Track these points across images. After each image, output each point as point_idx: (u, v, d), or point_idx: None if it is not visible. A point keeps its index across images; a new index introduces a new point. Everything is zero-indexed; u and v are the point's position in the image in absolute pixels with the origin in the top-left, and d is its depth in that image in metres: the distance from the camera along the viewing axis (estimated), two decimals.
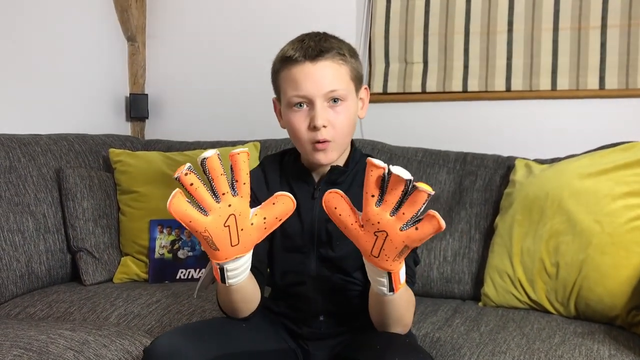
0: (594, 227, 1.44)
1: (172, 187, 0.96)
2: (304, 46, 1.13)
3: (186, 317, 1.53)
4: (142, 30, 2.47)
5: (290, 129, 1.18)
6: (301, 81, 1.13)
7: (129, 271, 1.85)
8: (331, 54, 1.13)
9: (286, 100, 1.16)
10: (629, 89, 1.91)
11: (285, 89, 1.16)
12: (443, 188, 1.78)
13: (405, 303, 1.07)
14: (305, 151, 1.17)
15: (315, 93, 1.12)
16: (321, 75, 1.13)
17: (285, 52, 1.16)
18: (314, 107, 1.13)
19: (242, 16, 2.34)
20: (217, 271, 1.03)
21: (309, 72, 1.12)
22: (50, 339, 1.27)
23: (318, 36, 1.16)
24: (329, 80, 1.13)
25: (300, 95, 1.13)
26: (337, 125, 1.14)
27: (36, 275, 1.72)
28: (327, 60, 1.13)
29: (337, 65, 1.14)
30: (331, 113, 1.14)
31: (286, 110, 1.17)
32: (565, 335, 1.33)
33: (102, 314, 1.56)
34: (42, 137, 1.90)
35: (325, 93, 1.13)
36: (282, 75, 1.17)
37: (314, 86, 1.12)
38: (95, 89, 2.33)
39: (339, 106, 1.14)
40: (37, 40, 2.06)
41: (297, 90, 1.13)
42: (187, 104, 2.45)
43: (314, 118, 1.12)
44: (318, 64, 1.13)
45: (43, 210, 1.78)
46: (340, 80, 1.14)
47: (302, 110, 1.14)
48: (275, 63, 1.19)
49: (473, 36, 2.07)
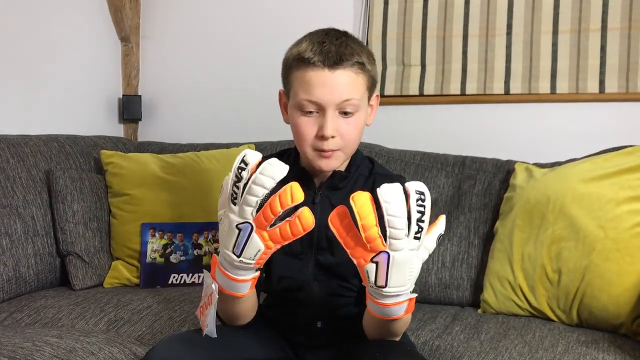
0: (598, 233, 1.42)
1: (164, 189, 0.93)
2: (324, 50, 1.08)
3: (178, 323, 1.49)
4: (136, 31, 2.45)
5: (296, 131, 1.14)
6: (316, 87, 1.08)
7: (119, 276, 1.81)
8: (350, 62, 1.09)
9: (296, 102, 1.12)
10: (630, 93, 1.90)
11: (297, 90, 1.11)
12: (441, 192, 1.76)
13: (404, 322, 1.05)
14: (308, 156, 1.14)
15: (328, 101, 1.09)
16: (337, 84, 1.09)
17: (303, 52, 1.10)
18: (325, 115, 1.09)
19: (237, 18, 2.33)
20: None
21: (325, 79, 1.08)
22: (36, 346, 1.23)
23: (339, 39, 1.11)
24: (345, 90, 1.09)
25: (313, 101, 1.09)
26: (345, 136, 1.11)
27: (24, 279, 1.69)
28: (346, 69, 1.09)
29: (354, 75, 1.10)
30: (342, 123, 1.11)
31: (294, 110, 1.13)
32: (569, 344, 1.30)
33: (92, 320, 1.52)
34: (32, 137, 1.87)
35: (338, 103, 1.09)
36: (296, 75, 1.12)
37: (329, 94, 1.08)
38: (88, 89, 2.30)
39: (350, 117, 1.11)
40: (28, 40, 2.04)
41: (310, 95, 1.09)
42: (181, 105, 2.43)
43: (323, 127, 1.09)
44: (336, 72, 1.08)
45: (32, 213, 1.74)
46: (356, 90, 1.11)
47: (311, 116, 1.11)
48: (289, 58, 1.14)
49: (471, 39, 2.06)
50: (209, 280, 1.04)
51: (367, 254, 0.91)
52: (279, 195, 0.90)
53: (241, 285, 1.00)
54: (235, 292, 1.01)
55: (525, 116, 2.00)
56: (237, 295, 1.02)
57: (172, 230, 1.81)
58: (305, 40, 1.12)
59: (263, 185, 0.90)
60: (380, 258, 0.90)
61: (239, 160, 0.92)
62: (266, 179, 0.90)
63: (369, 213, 0.88)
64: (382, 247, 0.89)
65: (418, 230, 0.89)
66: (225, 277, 1.00)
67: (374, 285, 0.92)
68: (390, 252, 0.89)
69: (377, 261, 0.90)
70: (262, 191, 0.90)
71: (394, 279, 0.91)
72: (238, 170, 0.92)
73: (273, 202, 0.91)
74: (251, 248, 0.95)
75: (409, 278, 0.92)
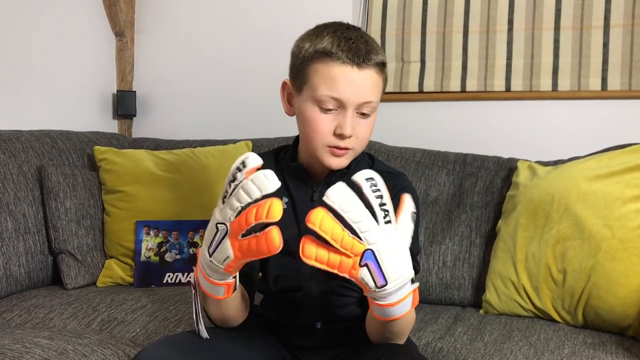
0: (604, 232, 1.39)
1: (159, 186, 0.89)
2: (352, 47, 1.05)
3: (173, 323, 1.46)
4: (131, 26, 2.42)
5: (310, 126, 1.09)
6: (341, 84, 1.05)
7: (113, 275, 1.78)
8: (375, 62, 1.06)
9: (314, 95, 1.07)
10: (632, 90, 1.88)
11: (317, 84, 1.07)
12: (442, 190, 1.74)
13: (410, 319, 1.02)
14: (317, 152, 1.10)
15: (352, 100, 1.05)
16: (363, 84, 1.06)
17: (327, 45, 1.06)
18: (346, 114, 1.06)
19: (234, 12, 2.30)
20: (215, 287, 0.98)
21: (352, 77, 1.05)
22: (26, 348, 1.20)
23: (363, 37, 1.08)
24: (369, 91, 1.06)
25: (335, 98, 1.06)
26: (360, 136, 1.09)
27: (14, 278, 1.66)
28: (372, 70, 1.06)
29: (377, 76, 1.08)
30: (360, 123, 1.08)
31: (309, 104, 1.08)
32: (575, 346, 1.27)
33: (84, 320, 1.49)
34: (24, 133, 1.84)
35: (361, 103, 1.06)
36: (317, 68, 1.07)
37: (353, 93, 1.05)
38: (81, 85, 2.28)
39: (366, 118, 1.09)
40: (20, 34, 2.00)
41: (333, 91, 1.05)
42: (177, 101, 2.40)
43: (343, 126, 1.06)
44: (364, 72, 1.05)
45: (23, 210, 1.71)
46: (377, 92, 1.08)
47: (330, 113, 1.07)
48: (306, 48, 1.09)
49: (472, 35, 2.04)
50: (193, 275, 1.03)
51: (353, 262, 0.87)
52: (257, 207, 0.87)
53: (217, 288, 0.97)
54: (212, 294, 0.99)
55: (526, 114, 1.99)
56: (215, 298, 0.99)
57: (167, 228, 1.78)
58: (326, 34, 1.07)
59: (249, 193, 0.87)
60: (366, 259, 0.87)
61: (240, 161, 0.89)
62: (254, 189, 0.87)
63: (332, 225, 0.85)
64: (361, 247, 0.86)
65: (385, 215, 0.87)
66: (202, 276, 0.98)
67: (376, 289, 0.89)
68: (372, 247, 0.86)
69: (365, 263, 0.87)
70: (246, 199, 0.87)
71: (389, 271, 0.88)
72: (236, 170, 0.89)
73: (249, 212, 0.87)
74: (222, 252, 0.92)
75: (404, 264, 0.90)
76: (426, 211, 1.71)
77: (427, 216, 1.70)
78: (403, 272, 0.89)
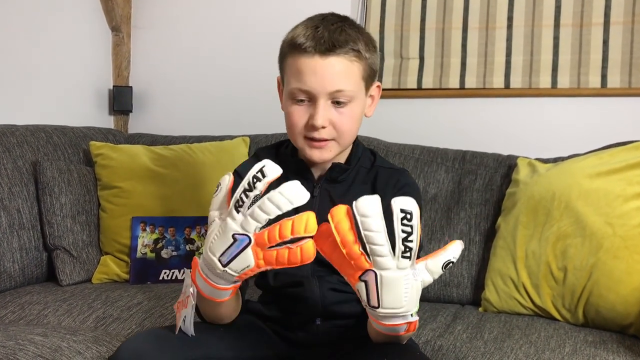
0: (606, 230, 1.38)
1: (156, 182, 0.87)
2: (317, 36, 1.04)
3: (169, 321, 1.45)
4: (127, 20, 2.40)
5: (286, 120, 1.11)
6: (307, 75, 1.04)
7: (108, 271, 1.77)
8: (344, 50, 1.04)
9: (288, 90, 1.08)
10: (632, 88, 1.88)
11: (289, 78, 1.07)
12: (441, 187, 1.72)
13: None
14: (299, 145, 1.11)
15: (319, 90, 1.04)
16: (329, 72, 1.04)
17: (296, 37, 1.05)
18: (316, 105, 1.05)
19: (231, 8, 2.29)
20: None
21: (316, 66, 1.03)
22: (19, 345, 1.18)
23: (335, 25, 1.06)
24: (337, 79, 1.05)
25: (303, 90, 1.05)
26: (339, 126, 1.07)
27: (8, 274, 1.64)
28: (339, 57, 1.04)
29: (348, 62, 1.05)
30: (334, 113, 1.07)
31: (286, 99, 1.10)
32: (576, 345, 1.26)
33: (79, 317, 1.47)
34: (19, 127, 1.82)
35: (330, 92, 1.05)
36: (288, 62, 1.08)
37: (320, 83, 1.04)
38: (77, 80, 2.26)
39: (343, 107, 1.07)
40: (16, 29, 1.98)
41: (301, 83, 1.05)
42: (174, 97, 2.39)
43: (313, 117, 1.05)
44: (328, 60, 1.04)
45: (17, 205, 1.69)
46: (349, 80, 1.06)
47: (303, 105, 1.07)
48: (283, 44, 1.10)
49: (471, 32, 2.04)
50: (188, 281, 0.99)
51: (355, 272, 0.85)
52: (293, 221, 0.84)
53: (222, 292, 0.95)
54: (215, 297, 0.96)
55: (526, 111, 1.98)
56: (217, 301, 0.97)
57: (163, 224, 1.77)
58: (300, 25, 1.08)
59: (279, 206, 0.84)
60: (368, 277, 0.84)
61: (257, 169, 0.85)
62: (284, 201, 0.84)
63: (346, 231, 0.83)
64: (366, 265, 0.84)
65: (405, 250, 0.82)
66: (205, 282, 0.94)
67: (368, 306, 0.87)
68: (377, 271, 0.83)
69: (365, 280, 0.85)
70: (275, 211, 0.84)
71: (386, 299, 0.85)
72: (253, 179, 0.85)
73: (284, 225, 0.84)
74: (241, 262, 0.88)
75: (405, 299, 0.86)
76: (425, 208, 1.70)
77: (426, 213, 1.69)
78: (401, 306, 0.86)
